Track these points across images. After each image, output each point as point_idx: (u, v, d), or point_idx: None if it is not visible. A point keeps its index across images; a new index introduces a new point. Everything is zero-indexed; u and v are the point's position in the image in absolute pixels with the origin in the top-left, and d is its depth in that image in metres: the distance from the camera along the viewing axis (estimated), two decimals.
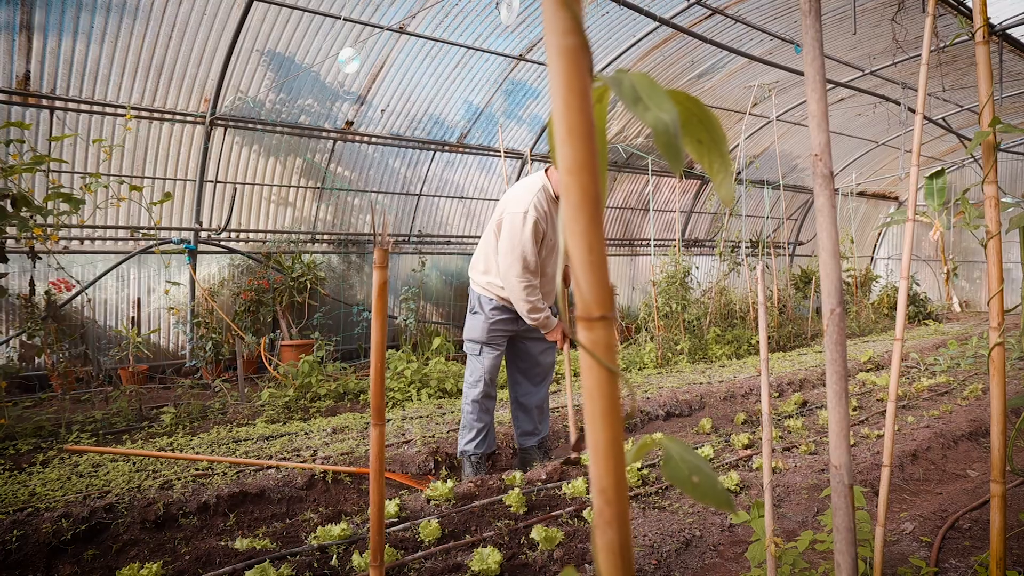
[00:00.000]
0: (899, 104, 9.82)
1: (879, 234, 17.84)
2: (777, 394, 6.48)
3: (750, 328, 9.66)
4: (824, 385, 6.92)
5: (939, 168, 1.83)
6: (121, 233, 6.87)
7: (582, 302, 0.49)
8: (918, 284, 14.01)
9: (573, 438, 4.90)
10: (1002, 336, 1.53)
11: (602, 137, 0.61)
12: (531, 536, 2.94)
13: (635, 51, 8.60)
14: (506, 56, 8.12)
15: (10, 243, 5.83)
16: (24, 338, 6.06)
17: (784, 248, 11.74)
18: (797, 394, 5.98)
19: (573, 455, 4.14)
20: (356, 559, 2.65)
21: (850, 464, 1.06)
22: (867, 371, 7.57)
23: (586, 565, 2.79)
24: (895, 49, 8.08)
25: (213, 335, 7.05)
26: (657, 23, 7.40)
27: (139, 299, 7.12)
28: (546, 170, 3.89)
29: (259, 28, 6.54)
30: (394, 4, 6.75)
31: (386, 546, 2.77)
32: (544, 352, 4.19)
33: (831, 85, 10.26)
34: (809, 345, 9.96)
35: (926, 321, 13.32)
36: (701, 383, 6.68)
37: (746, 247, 10.19)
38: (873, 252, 18.29)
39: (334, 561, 2.75)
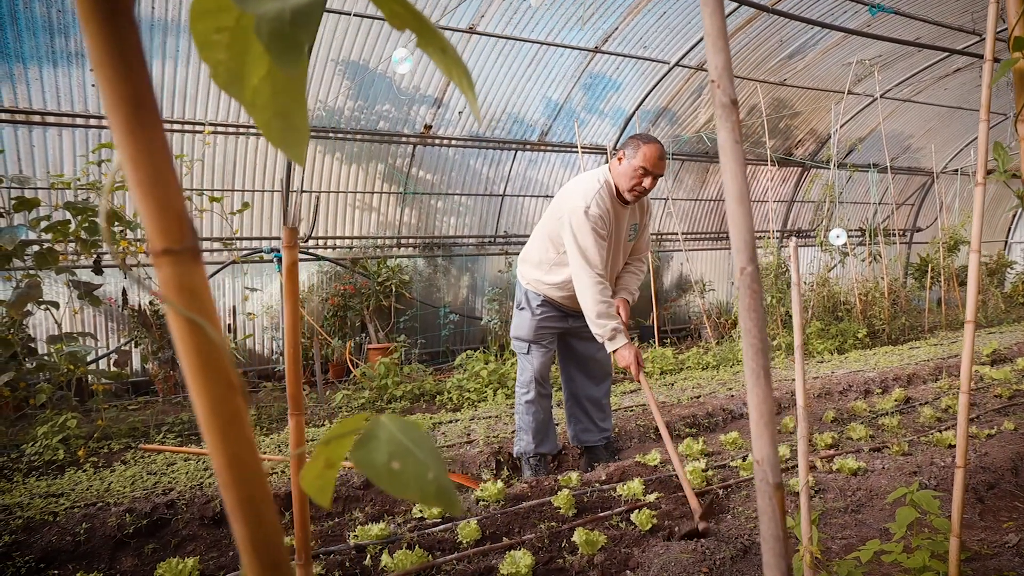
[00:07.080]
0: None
1: (1013, 216, 16.20)
2: (880, 390, 5.96)
3: (856, 321, 8.98)
4: (935, 380, 6.31)
5: None
6: (216, 244, 7.24)
7: (148, 235, 0.39)
8: None
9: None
10: None
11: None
12: (573, 539, 2.80)
13: None
14: (581, 49, 7.95)
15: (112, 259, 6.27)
16: (132, 346, 6.50)
17: (896, 235, 10.85)
18: (900, 390, 5.47)
19: (700, 525, 2.92)
20: (385, 559, 2.61)
21: (776, 459, 0.88)
22: (988, 365, 6.85)
23: (627, 572, 2.62)
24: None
25: (302, 340, 7.30)
26: (736, 3, 7.02)
27: (234, 307, 7.48)
28: (609, 166, 3.71)
29: (331, 38, 6.71)
30: (462, 4, 6.74)
31: (417, 547, 2.71)
32: (601, 349, 4.01)
33: (944, 53, 9.42)
34: (924, 338, 9.15)
35: None
36: (794, 379, 6.25)
37: (851, 235, 9.49)
38: (1007, 236, 16.65)
39: (367, 561, 2.72)
